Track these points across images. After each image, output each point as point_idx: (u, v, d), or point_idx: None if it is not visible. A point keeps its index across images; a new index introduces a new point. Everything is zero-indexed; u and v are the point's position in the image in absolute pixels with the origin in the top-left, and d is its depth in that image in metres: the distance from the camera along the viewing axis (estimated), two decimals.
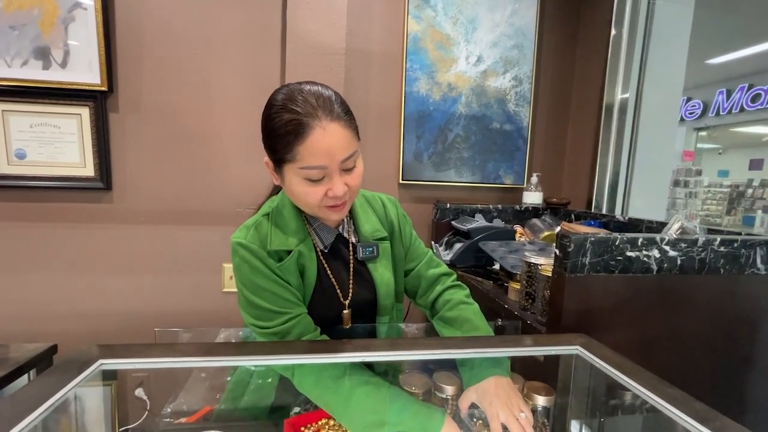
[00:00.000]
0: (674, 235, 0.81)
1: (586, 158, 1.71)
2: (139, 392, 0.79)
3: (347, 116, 0.65)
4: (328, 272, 0.76)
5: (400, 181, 1.65)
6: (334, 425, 0.67)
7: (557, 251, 0.76)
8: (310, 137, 0.61)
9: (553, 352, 0.67)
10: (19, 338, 1.40)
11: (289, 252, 0.70)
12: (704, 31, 3.95)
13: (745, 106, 6.37)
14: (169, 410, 0.79)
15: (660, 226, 1.09)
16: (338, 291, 0.76)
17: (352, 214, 0.81)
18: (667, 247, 0.76)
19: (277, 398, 0.77)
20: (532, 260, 0.91)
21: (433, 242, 1.58)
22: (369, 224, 0.80)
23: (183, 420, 0.79)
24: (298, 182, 0.65)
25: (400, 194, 1.68)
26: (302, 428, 0.66)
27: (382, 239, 0.81)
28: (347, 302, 0.76)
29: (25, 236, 1.39)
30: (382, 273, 0.79)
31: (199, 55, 1.44)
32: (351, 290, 0.77)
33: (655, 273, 0.77)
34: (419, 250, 0.89)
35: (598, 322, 0.76)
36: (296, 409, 0.71)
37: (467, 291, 0.86)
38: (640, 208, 1.64)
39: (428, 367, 0.78)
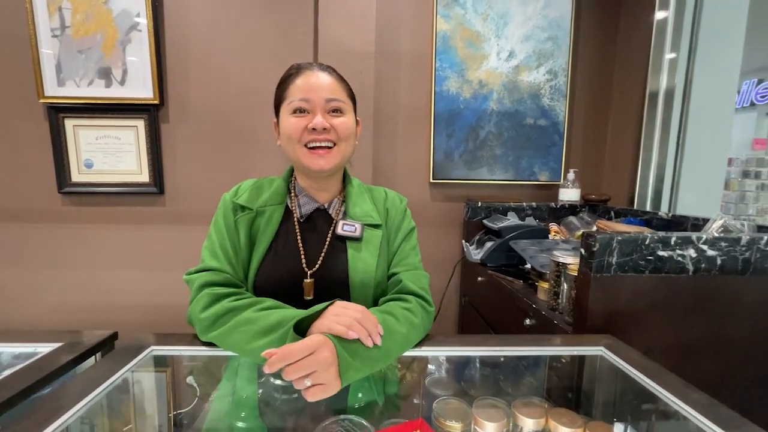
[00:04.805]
0: (714, 234, 0.76)
1: (628, 152, 1.62)
2: (190, 380, 0.86)
3: (339, 77, 0.77)
4: (298, 237, 0.77)
5: (431, 181, 1.66)
6: None
7: (582, 250, 0.74)
8: (301, 76, 0.75)
9: (575, 353, 0.66)
10: (85, 325, 1.58)
11: (251, 209, 0.77)
12: None
13: None
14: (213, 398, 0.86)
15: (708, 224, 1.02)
16: (303, 257, 0.75)
17: (345, 196, 0.82)
18: (704, 247, 0.72)
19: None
20: (560, 259, 0.89)
21: (463, 241, 1.58)
22: (360, 208, 0.80)
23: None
24: (287, 118, 0.74)
25: (431, 194, 1.69)
26: None
27: (374, 226, 0.79)
28: (310, 272, 0.75)
29: (93, 236, 1.57)
30: (362, 257, 0.75)
31: (239, 65, 1.54)
32: (320, 262, 0.75)
33: (691, 273, 0.73)
34: (409, 260, 0.81)
35: (627, 324, 0.74)
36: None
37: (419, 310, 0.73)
38: (690, 205, 1.53)
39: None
